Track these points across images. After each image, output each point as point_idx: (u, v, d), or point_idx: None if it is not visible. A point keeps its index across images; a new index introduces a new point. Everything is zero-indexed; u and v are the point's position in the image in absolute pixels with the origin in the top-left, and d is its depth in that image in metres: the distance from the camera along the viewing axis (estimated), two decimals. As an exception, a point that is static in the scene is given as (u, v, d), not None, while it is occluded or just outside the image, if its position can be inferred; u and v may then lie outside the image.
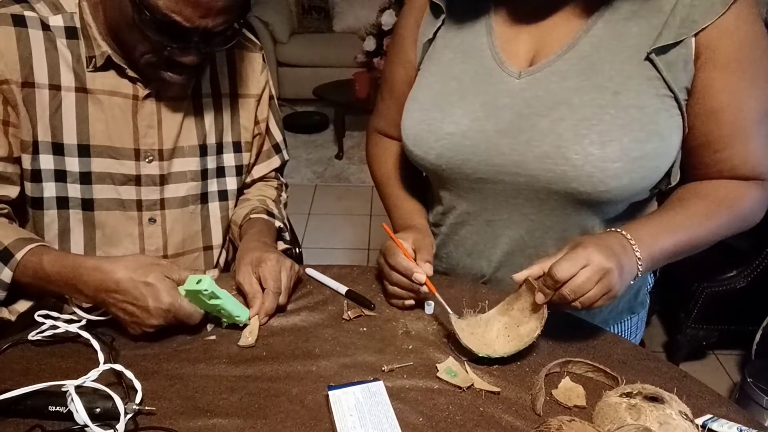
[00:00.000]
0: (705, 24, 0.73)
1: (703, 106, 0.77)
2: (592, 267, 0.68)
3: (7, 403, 0.64)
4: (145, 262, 0.77)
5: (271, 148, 1.11)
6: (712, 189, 0.81)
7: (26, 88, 0.85)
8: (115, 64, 0.88)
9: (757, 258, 1.85)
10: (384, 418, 0.64)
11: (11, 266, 0.79)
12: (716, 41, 0.74)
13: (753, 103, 0.76)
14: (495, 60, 0.83)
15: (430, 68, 0.89)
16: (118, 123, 0.91)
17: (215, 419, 0.66)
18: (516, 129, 0.80)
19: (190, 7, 0.76)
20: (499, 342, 0.77)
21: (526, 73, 0.81)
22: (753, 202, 0.80)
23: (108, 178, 0.92)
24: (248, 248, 0.91)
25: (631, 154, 0.75)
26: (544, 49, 0.81)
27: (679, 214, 0.79)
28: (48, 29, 0.85)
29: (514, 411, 0.68)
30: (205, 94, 0.98)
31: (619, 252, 0.71)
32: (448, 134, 0.83)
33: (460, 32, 0.87)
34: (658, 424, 0.60)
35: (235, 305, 0.79)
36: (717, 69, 0.75)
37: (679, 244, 0.77)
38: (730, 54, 0.74)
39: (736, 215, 0.80)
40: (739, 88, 0.76)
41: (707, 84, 0.76)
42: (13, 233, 0.82)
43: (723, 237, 0.81)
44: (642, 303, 0.99)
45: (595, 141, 0.75)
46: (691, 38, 0.74)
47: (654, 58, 0.75)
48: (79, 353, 0.75)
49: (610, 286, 0.69)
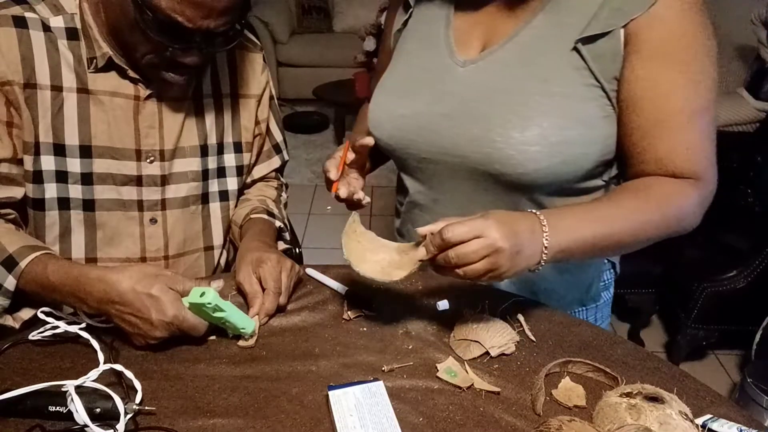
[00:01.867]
0: (634, 15, 0.73)
1: (625, 95, 0.77)
2: (484, 240, 0.66)
3: (7, 403, 0.64)
4: (149, 272, 0.76)
5: (271, 148, 1.11)
6: (645, 184, 0.80)
7: (28, 89, 0.85)
8: (116, 65, 0.88)
9: (757, 258, 1.86)
10: (384, 418, 0.64)
11: (15, 274, 0.79)
12: (643, 31, 0.74)
13: (680, 95, 0.76)
14: (447, 50, 0.88)
15: (397, 57, 0.96)
16: (119, 124, 0.91)
17: (215, 419, 0.66)
18: (456, 113, 0.83)
19: (192, 7, 0.76)
20: (368, 264, 0.76)
21: (470, 62, 0.85)
22: (687, 201, 0.78)
23: (109, 178, 0.92)
24: (249, 248, 0.91)
25: (550, 138, 0.77)
26: (492, 39, 0.84)
27: (605, 207, 0.77)
28: (49, 30, 0.85)
29: (514, 411, 0.68)
30: (206, 95, 0.98)
31: (522, 235, 0.69)
32: (400, 116, 0.89)
33: (423, 23, 0.93)
34: (658, 424, 0.60)
35: (240, 317, 0.78)
36: (641, 58, 0.75)
37: (598, 237, 0.74)
38: (655, 43, 0.74)
39: (668, 214, 0.78)
40: (664, 78, 0.75)
41: (630, 72, 0.76)
42: (19, 240, 0.82)
43: (655, 236, 0.78)
44: (594, 297, 0.99)
45: (518, 125, 0.78)
46: (620, 29, 0.75)
47: (580, 48, 0.76)
48: (79, 353, 0.75)
49: (496, 266, 0.67)
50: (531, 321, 0.83)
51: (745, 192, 2.22)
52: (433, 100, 0.86)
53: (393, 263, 0.77)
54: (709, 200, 0.81)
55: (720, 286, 1.90)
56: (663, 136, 0.77)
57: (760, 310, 1.88)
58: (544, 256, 0.71)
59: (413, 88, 0.89)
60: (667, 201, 0.78)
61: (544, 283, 0.93)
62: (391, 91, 0.92)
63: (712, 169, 0.80)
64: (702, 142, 0.78)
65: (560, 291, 0.94)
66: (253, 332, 0.79)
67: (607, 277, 1.01)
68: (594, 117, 0.78)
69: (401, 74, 0.92)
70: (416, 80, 0.89)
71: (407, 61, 0.92)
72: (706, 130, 0.78)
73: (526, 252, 0.70)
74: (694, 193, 0.78)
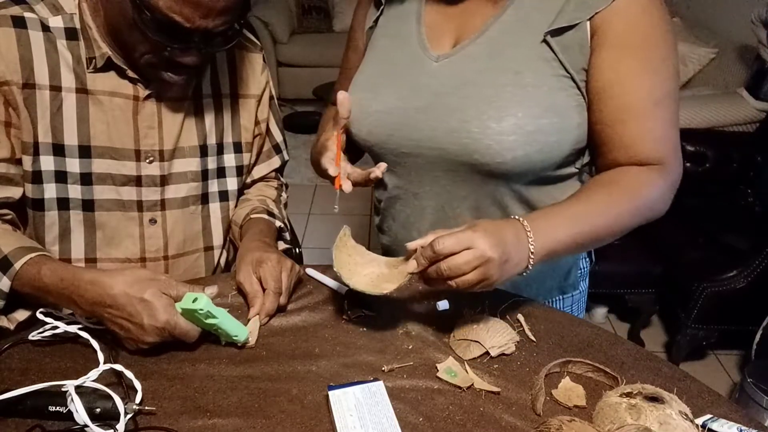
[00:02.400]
0: (599, 8, 0.77)
1: (593, 84, 0.81)
2: (474, 251, 0.68)
3: (7, 403, 0.64)
4: (142, 277, 0.76)
5: (271, 148, 1.11)
6: (614, 177, 0.82)
7: (27, 89, 0.84)
8: (115, 65, 0.88)
9: (757, 258, 1.86)
10: (384, 418, 0.64)
11: (9, 276, 0.79)
12: (608, 22, 0.77)
13: (644, 83, 0.79)
14: (419, 45, 0.89)
15: (369, 54, 0.97)
16: (118, 124, 0.91)
17: (215, 419, 0.66)
18: (431, 107, 0.85)
19: (191, 7, 0.76)
20: (358, 277, 0.77)
21: (443, 56, 0.87)
22: (655, 188, 0.81)
23: (108, 178, 0.92)
24: (249, 248, 0.91)
25: (526, 128, 0.79)
26: (463, 34, 0.87)
27: (581, 204, 0.80)
28: (48, 30, 0.85)
29: (514, 411, 0.68)
30: (206, 95, 0.98)
31: (509, 243, 0.71)
32: (376, 111, 0.90)
33: (395, 20, 0.94)
34: (658, 424, 0.60)
35: (233, 325, 0.76)
36: (606, 48, 0.78)
37: (578, 234, 0.77)
38: (619, 34, 0.77)
39: (638, 203, 0.81)
40: (628, 66, 0.78)
41: (596, 63, 0.79)
42: (15, 241, 0.81)
43: (629, 226, 0.81)
44: (573, 285, 1.01)
45: (493, 116, 0.80)
46: (585, 22, 0.78)
47: (549, 40, 0.79)
48: (79, 353, 0.75)
49: (487, 275, 0.69)
50: (531, 321, 0.83)
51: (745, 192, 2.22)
52: (408, 94, 0.87)
53: (382, 276, 0.78)
54: (677, 185, 0.84)
55: (720, 286, 1.90)
56: (629, 124, 0.80)
57: (760, 310, 1.88)
58: (531, 260, 0.74)
59: (387, 83, 0.90)
60: (637, 191, 0.80)
61: None
62: (364, 88, 0.92)
63: (677, 155, 0.83)
64: (666, 130, 0.81)
65: (539, 278, 0.96)
66: (246, 340, 0.78)
67: (584, 265, 1.03)
68: (566, 106, 0.81)
69: (374, 71, 0.93)
70: (390, 76, 0.90)
71: (379, 58, 0.94)
72: (671, 118, 0.81)
73: (514, 259, 0.72)
74: (660, 180, 0.81)
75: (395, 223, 1.00)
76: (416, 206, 0.94)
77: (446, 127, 0.83)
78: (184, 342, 0.76)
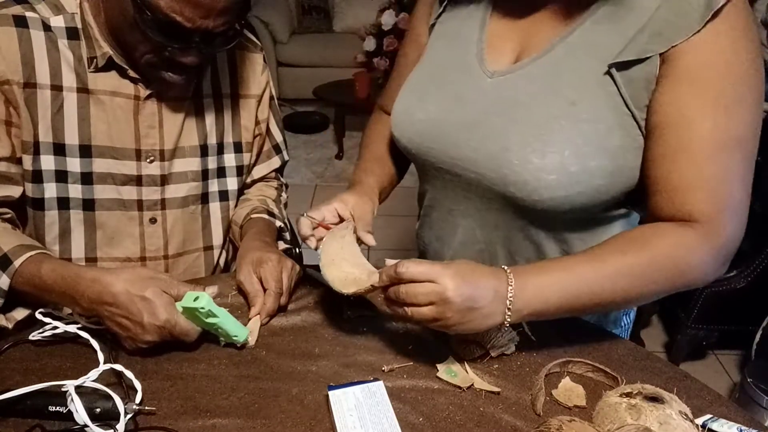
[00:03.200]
0: (676, 42, 0.67)
1: (651, 119, 0.71)
2: (435, 287, 0.64)
3: (7, 403, 0.64)
4: (144, 275, 0.76)
5: (271, 148, 1.11)
6: (639, 234, 0.72)
7: (28, 88, 0.85)
8: (116, 65, 0.88)
9: (757, 258, 1.85)
10: (384, 418, 0.64)
11: (9, 274, 0.78)
12: (681, 56, 0.68)
13: (707, 122, 0.68)
14: (477, 56, 0.83)
15: (425, 54, 0.91)
16: (119, 123, 0.91)
17: (215, 419, 0.66)
18: (475, 126, 0.79)
19: (191, 7, 0.76)
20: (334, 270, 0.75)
21: (498, 73, 0.80)
22: (690, 252, 0.70)
23: (109, 178, 0.92)
24: (249, 248, 0.91)
25: (570, 168, 0.72)
26: (527, 50, 0.79)
27: (589, 264, 0.70)
28: (49, 30, 0.85)
29: (514, 411, 0.68)
30: (206, 95, 0.98)
31: (481, 292, 0.66)
32: (419, 120, 0.85)
33: (458, 20, 0.88)
34: (658, 424, 0.60)
35: (233, 325, 0.76)
36: (671, 81, 0.69)
37: (574, 298, 0.69)
38: (690, 68, 0.67)
39: (662, 269, 0.70)
40: (692, 104, 0.68)
41: (658, 96, 0.70)
42: (14, 239, 0.81)
43: (650, 294, 0.72)
44: (615, 321, 0.94)
45: (538, 149, 0.73)
46: (657, 56, 0.69)
47: (614, 72, 0.71)
48: (79, 353, 0.75)
49: (443, 316, 0.65)
50: (531, 321, 0.83)
51: (745, 192, 2.22)
52: (454, 107, 0.82)
53: (355, 281, 0.75)
54: (726, 252, 0.71)
55: (720, 286, 1.90)
56: (681, 166, 0.70)
57: (760, 310, 1.88)
58: (508, 316, 0.68)
59: (435, 91, 0.85)
60: (664, 254, 0.70)
61: None
62: (413, 91, 0.88)
63: (733, 216, 0.70)
64: (724, 180, 0.69)
65: None
66: (245, 341, 0.78)
67: None
68: (621, 147, 0.72)
69: (425, 74, 0.88)
70: (439, 83, 0.85)
71: (433, 61, 0.88)
72: (735, 170, 0.69)
73: (484, 311, 0.66)
74: (699, 243, 0.70)
75: (429, 233, 0.96)
76: (449, 221, 0.90)
77: (486, 151, 0.77)
78: (183, 342, 0.76)
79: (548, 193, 0.74)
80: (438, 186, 0.89)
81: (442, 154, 0.83)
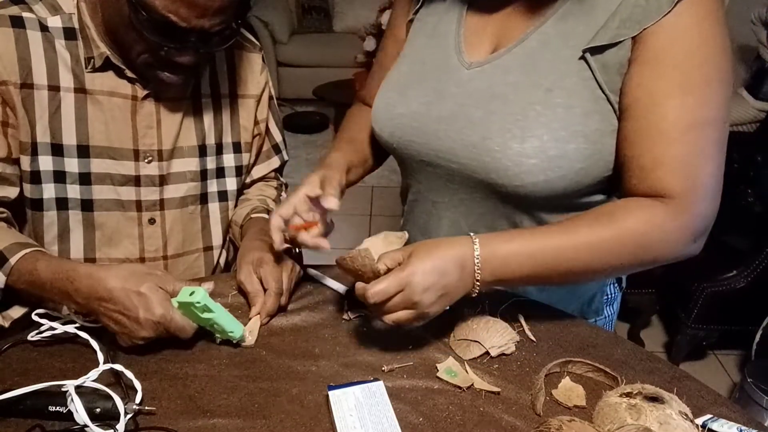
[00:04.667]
0: (646, 25, 0.69)
1: (622, 101, 0.73)
2: (404, 294, 0.68)
3: (7, 403, 0.64)
4: (139, 271, 0.75)
5: (270, 148, 1.11)
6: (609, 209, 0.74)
7: (25, 89, 0.84)
8: (114, 65, 0.88)
9: (757, 258, 1.86)
10: (384, 418, 0.64)
11: (5, 271, 0.78)
12: (650, 38, 0.69)
13: (676, 103, 0.69)
14: (455, 49, 0.84)
15: (405, 48, 0.92)
16: (117, 123, 0.91)
17: (215, 419, 0.66)
18: (454, 117, 0.81)
19: (187, 7, 0.75)
20: None
21: (475, 64, 0.82)
22: (655, 227, 0.71)
23: (107, 178, 0.92)
24: (250, 247, 0.91)
25: (549, 152, 0.73)
26: (502, 42, 0.81)
27: (556, 235, 0.72)
28: (46, 30, 0.85)
29: (514, 411, 0.68)
30: (205, 95, 0.98)
31: (449, 273, 0.69)
32: (399, 114, 0.86)
33: (435, 16, 0.89)
34: (658, 424, 0.60)
35: (229, 320, 0.76)
36: (640, 63, 0.70)
37: (541, 267, 0.72)
38: (658, 50, 0.69)
39: (628, 242, 0.71)
40: (661, 85, 0.70)
41: (627, 80, 0.72)
42: (10, 237, 0.81)
43: (617, 267, 0.74)
44: (596, 310, 0.96)
45: (517, 135, 0.75)
46: (629, 40, 0.70)
47: (588, 57, 0.73)
48: (79, 353, 0.75)
49: (417, 315, 0.70)
50: (531, 321, 0.83)
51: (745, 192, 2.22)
52: (434, 100, 0.84)
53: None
54: (695, 227, 0.72)
55: (720, 286, 1.90)
56: (651, 146, 0.71)
57: (760, 310, 1.88)
58: (476, 288, 0.71)
59: (415, 86, 0.86)
60: (630, 227, 0.71)
61: (542, 294, 0.90)
62: (393, 86, 0.89)
63: (702, 192, 0.71)
64: (694, 160, 0.70)
65: (559, 303, 0.89)
66: (242, 337, 0.78)
67: (612, 291, 0.97)
68: (597, 131, 0.74)
69: (405, 70, 0.90)
70: (419, 78, 0.87)
71: (414, 56, 0.90)
72: (704, 148, 0.70)
73: (453, 290, 0.70)
74: (666, 217, 0.71)
75: (414, 228, 0.97)
76: (434, 215, 0.91)
77: (467, 141, 0.79)
78: (179, 339, 0.76)
79: (529, 178, 0.75)
80: (421, 179, 0.91)
81: (423, 147, 0.85)
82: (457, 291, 0.71)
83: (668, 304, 2.13)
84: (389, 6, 3.37)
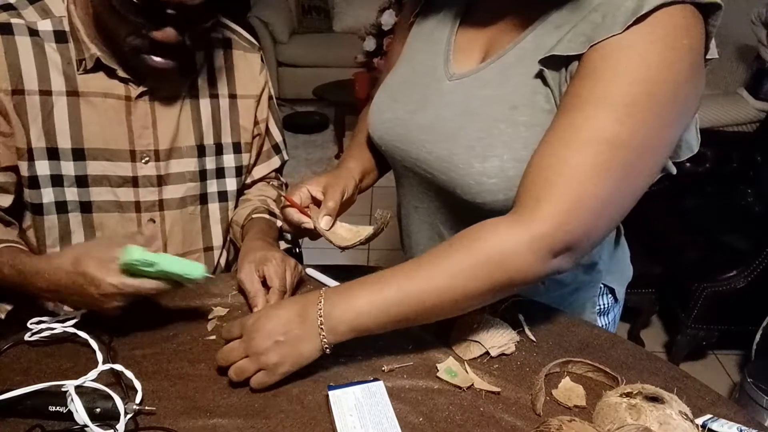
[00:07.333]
0: (594, 41, 0.64)
1: None
2: (243, 339, 0.70)
3: (7, 403, 0.64)
4: (78, 253, 0.74)
5: (270, 148, 1.12)
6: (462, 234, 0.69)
7: (16, 95, 0.85)
8: (105, 66, 0.88)
9: (757, 258, 1.85)
10: (384, 418, 0.64)
11: None
12: (591, 53, 0.65)
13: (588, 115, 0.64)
14: (443, 57, 0.84)
15: (404, 51, 0.92)
16: (112, 125, 0.91)
17: (215, 419, 0.66)
18: (432, 128, 0.81)
19: None
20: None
21: (456, 76, 0.81)
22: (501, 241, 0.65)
23: (105, 180, 0.92)
24: (252, 247, 0.91)
25: (509, 172, 0.72)
26: (489, 55, 0.79)
27: (402, 267, 0.69)
28: (36, 35, 0.85)
29: (514, 411, 0.68)
30: (202, 95, 0.98)
31: (286, 319, 0.69)
32: (387, 119, 0.87)
33: (433, 22, 0.88)
34: (658, 424, 0.60)
35: (181, 264, 0.72)
36: (577, 77, 0.66)
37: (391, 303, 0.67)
38: (596, 64, 0.64)
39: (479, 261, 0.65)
40: (582, 94, 0.65)
41: (564, 92, 0.68)
42: None
43: (475, 291, 0.66)
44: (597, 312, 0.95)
45: (480, 154, 0.73)
46: (577, 56, 0.67)
47: (546, 73, 0.70)
48: (79, 353, 0.75)
49: (254, 347, 0.69)
50: (531, 321, 0.83)
51: (745, 192, 2.22)
52: (416, 108, 0.83)
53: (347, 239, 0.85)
54: (555, 239, 0.64)
55: (720, 286, 1.90)
56: (543, 150, 0.67)
57: (760, 310, 1.88)
58: (323, 338, 0.68)
59: (404, 91, 0.87)
60: (478, 245, 0.66)
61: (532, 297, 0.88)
62: (387, 90, 0.90)
63: (567, 205, 0.63)
64: (565, 175, 0.63)
65: None
66: (202, 276, 0.74)
67: (605, 302, 0.96)
68: None
69: (400, 74, 0.90)
70: (409, 84, 0.87)
71: (408, 61, 0.90)
72: (601, 167, 0.63)
73: (295, 333, 0.68)
74: (511, 230, 0.65)
75: (402, 230, 0.99)
76: (416, 219, 0.93)
77: (438, 153, 0.79)
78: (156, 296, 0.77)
79: (490, 197, 0.75)
80: (405, 184, 0.92)
81: (405, 154, 0.85)
82: (300, 342, 0.68)
83: (668, 304, 2.13)
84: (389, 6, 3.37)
